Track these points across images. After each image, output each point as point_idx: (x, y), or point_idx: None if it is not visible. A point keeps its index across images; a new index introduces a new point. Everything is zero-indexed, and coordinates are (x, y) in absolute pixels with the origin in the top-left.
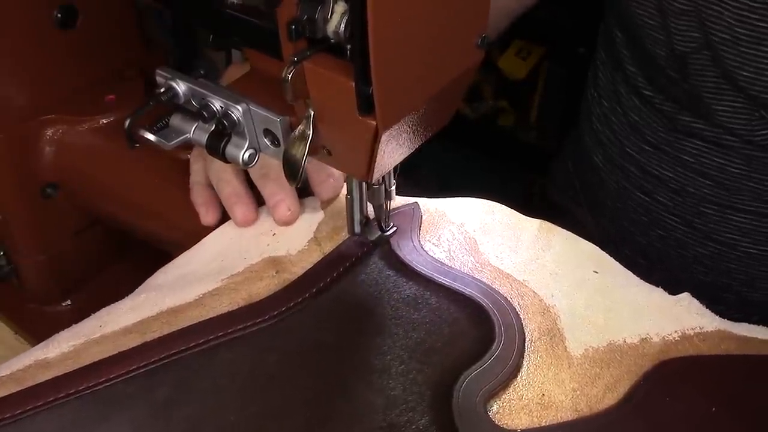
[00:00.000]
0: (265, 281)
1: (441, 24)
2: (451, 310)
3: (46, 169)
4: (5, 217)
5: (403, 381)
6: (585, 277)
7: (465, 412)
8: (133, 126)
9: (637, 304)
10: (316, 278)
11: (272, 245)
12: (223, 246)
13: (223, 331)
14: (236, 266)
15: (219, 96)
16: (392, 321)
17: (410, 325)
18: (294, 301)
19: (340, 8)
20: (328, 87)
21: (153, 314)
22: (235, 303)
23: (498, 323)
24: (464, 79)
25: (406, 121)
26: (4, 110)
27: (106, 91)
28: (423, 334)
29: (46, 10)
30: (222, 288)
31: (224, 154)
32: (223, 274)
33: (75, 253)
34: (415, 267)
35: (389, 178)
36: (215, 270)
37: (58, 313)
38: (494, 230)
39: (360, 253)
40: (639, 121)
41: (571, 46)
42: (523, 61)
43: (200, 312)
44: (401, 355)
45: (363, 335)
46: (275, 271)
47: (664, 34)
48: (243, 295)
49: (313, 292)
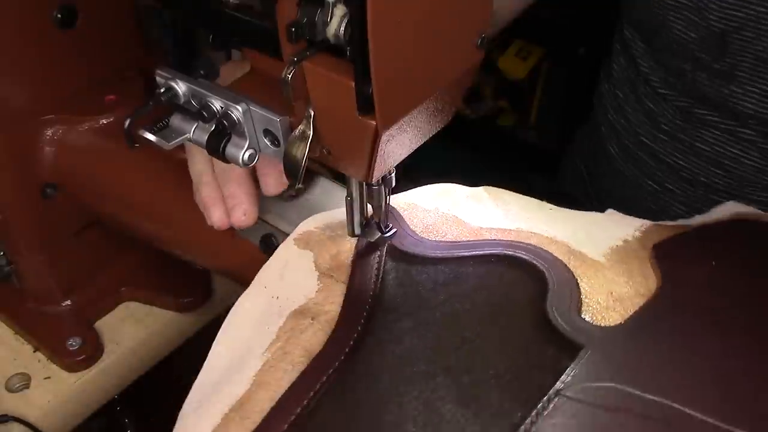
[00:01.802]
0: (309, 330)
1: (441, 24)
2: (494, 271)
3: (46, 169)
4: (5, 217)
5: (511, 344)
6: (551, 213)
7: (571, 325)
8: (133, 126)
9: (599, 219)
10: (358, 305)
11: (285, 301)
12: (237, 335)
13: (318, 380)
14: (266, 338)
15: (219, 96)
16: (461, 303)
17: (478, 299)
18: (360, 323)
19: (339, 11)
20: (328, 87)
21: (219, 420)
22: (297, 363)
23: (536, 260)
24: (464, 79)
25: (405, 121)
26: (4, 110)
27: (106, 91)
28: (496, 299)
29: (46, 10)
30: (272, 359)
31: (224, 154)
32: (261, 349)
33: (75, 253)
34: (433, 254)
35: (389, 178)
36: (247, 354)
37: (58, 313)
38: (461, 204)
39: (378, 264)
40: (654, 110)
41: (571, 46)
42: (523, 61)
43: (268, 391)
44: (490, 329)
45: (449, 326)
46: (310, 318)
47: (699, 15)
48: (299, 351)
49: (369, 311)
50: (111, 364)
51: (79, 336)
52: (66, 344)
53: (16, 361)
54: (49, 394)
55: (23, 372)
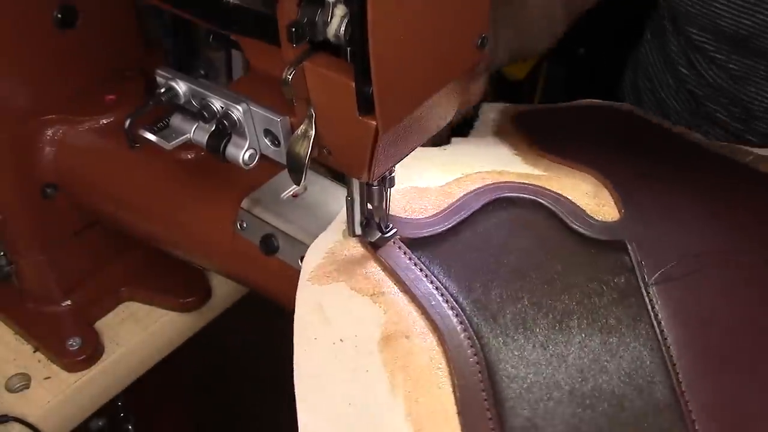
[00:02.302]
0: (415, 347)
1: (441, 24)
2: (501, 216)
3: (46, 169)
4: (5, 217)
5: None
6: (464, 155)
7: (602, 231)
8: (133, 126)
9: (480, 144)
10: (440, 300)
11: (356, 338)
12: (329, 395)
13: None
14: (378, 378)
15: (219, 96)
16: (511, 251)
17: (520, 243)
18: (459, 311)
19: (339, 11)
20: (328, 87)
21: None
22: (437, 379)
23: (521, 193)
24: (464, 79)
25: (406, 121)
26: (4, 110)
27: (106, 91)
28: (530, 236)
29: (46, 10)
30: (412, 391)
31: (224, 154)
32: (387, 391)
33: (75, 253)
34: (443, 228)
35: (389, 178)
36: (371, 406)
37: (58, 313)
38: (403, 175)
39: (413, 261)
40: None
41: (571, 46)
42: (523, 61)
43: (445, 417)
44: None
45: (526, 269)
46: (404, 338)
47: (709, 21)
48: (428, 368)
49: (455, 298)
50: (111, 364)
51: (79, 336)
52: (66, 344)
53: (16, 361)
54: (49, 394)
55: (23, 372)
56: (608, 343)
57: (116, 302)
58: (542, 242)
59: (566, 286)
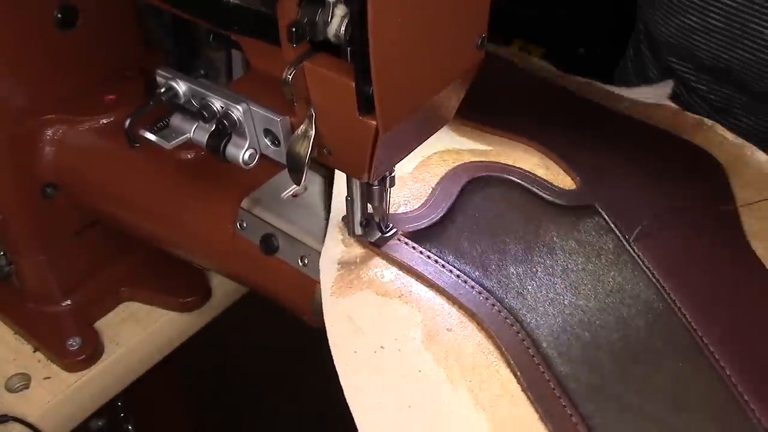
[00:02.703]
0: (459, 336)
1: (441, 25)
2: (486, 192)
3: (46, 169)
4: (5, 217)
5: (559, 227)
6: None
7: (570, 198)
8: (133, 126)
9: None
10: (463, 284)
11: (396, 342)
12: (389, 400)
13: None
14: (437, 375)
15: (219, 96)
16: (507, 231)
17: (508, 221)
18: (486, 294)
19: (340, 11)
20: (328, 87)
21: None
22: (493, 362)
23: (487, 172)
24: (464, 79)
25: (406, 121)
26: (4, 110)
27: (106, 91)
28: (515, 209)
29: (46, 10)
30: (473, 380)
31: (224, 154)
32: (448, 384)
33: (75, 253)
34: (437, 217)
35: (389, 178)
36: (436, 402)
37: (58, 313)
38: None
39: (425, 253)
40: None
41: (571, 46)
42: None
43: (513, 399)
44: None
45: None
46: (446, 330)
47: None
48: (479, 351)
49: (477, 281)
50: (111, 364)
51: (79, 336)
52: (66, 344)
53: (16, 361)
54: (49, 394)
55: (23, 372)
56: (621, 298)
57: (116, 302)
58: (528, 216)
59: (568, 253)
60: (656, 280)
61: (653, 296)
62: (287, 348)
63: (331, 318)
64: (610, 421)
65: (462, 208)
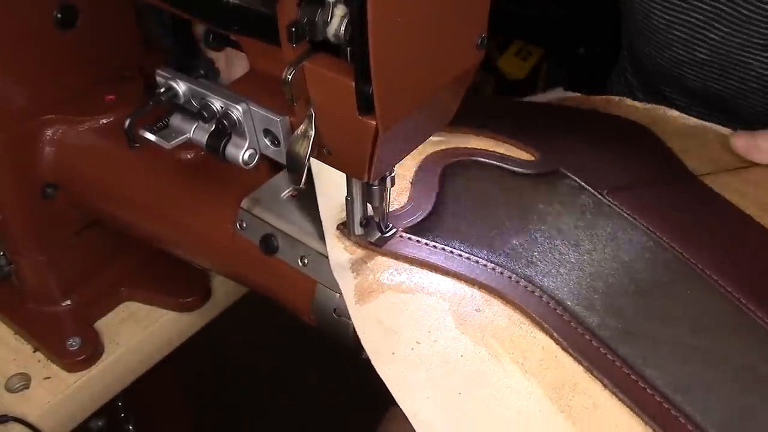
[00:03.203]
0: (489, 314)
1: (440, 24)
2: (471, 175)
3: (46, 169)
4: (5, 217)
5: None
6: None
7: (537, 167)
8: (133, 126)
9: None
10: (478, 261)
11: (429, 334)
12: (433, 392)
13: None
14: (478, 357)
15: (219, 96)
16: (499, 204)
17: (495, 201)
18: (502, 268)
19: (339, 11)
20: (328, 87)
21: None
22: (529, 330)
23: (462, 157)
24: (464, 79)
25: (405, 121)
26: (4, 110)
27: (106, 91)
28: (500, 187)
29: (46, 10)
30: (513, 353)
31: (224, 154)
32: (493, 361)
33: (75, 253)
34: (431, 207)
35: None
36: (484, 379)
37: (58, 313)
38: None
39: (430, 243)
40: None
41: (571, 46)
42: (523, 61)
43: (556, 364)
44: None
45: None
46: (475, 310)
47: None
48: (511, 324)
49: (493, 259)
50: (111, 364)
51: (79, 336)
52: (66, 344)
53: (16, 361)
54: (49, 394)
55: (23, 372)
56: (618, 245)
57: (116, 302)
58: (509, 190)
59: (557, 216)
60: (640, 224)
61: (643, 237)
62: (287, 348)
63: (361, 326)
64: (648, 356)
65: (448, 195)
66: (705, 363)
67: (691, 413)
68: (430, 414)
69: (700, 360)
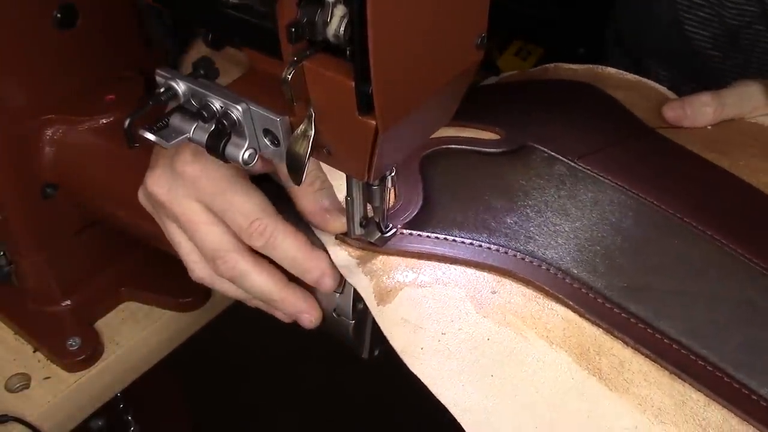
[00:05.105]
0: (505, 294)
1: (440, 24)
2: (439, 171)
3: (46, 169)
4: (5, 217)
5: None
6: None
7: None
8: (132, 126)
9: None
10: (486, 248)
11: (452, 323)
12: (468, 377)
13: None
14: (507, 338)
15: (219, 96)
16: (494, 186)
17: (478, 184)
18: (508, 250)
19: (339, 11)
20: (328, 87)
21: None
22: (549, 307)
23: (453, 144)
24: (464, 79)
25: (405, 120)
26: (4, 110)
27: (106, 91)
28: (490, 171)
29: (46, 10)
30: (537, 326)
31: (224, 154)
32: (523, 341)
33: (75, 253)
34: (419, 204)
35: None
36: (516, 361)
37: (58, 313)
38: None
39: (431, 237)
40: None
41: (571, 46)
42: (523, 61)
43: (584, 335)
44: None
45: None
46: (491, 292)
47: (713, 12)
48: (530, 300)
49: (502, 244)
50: (111, 364)
51: (79, 336)
52: (66, 344)
53: (16, 361)
54: (49, 394)
55: (23, 372)
56: (602, 208)
57: (116, 302)
58: (487, 171)
59: (540, 189)
60: (616, 184)
61: (623, 197)
62: (287, 348)
63: (388, 327)
64: (658, 309)
65: (433, 186)
66: (708, 305)
67: (707, 355)
68: (468, 401)
69: (702, 303)
